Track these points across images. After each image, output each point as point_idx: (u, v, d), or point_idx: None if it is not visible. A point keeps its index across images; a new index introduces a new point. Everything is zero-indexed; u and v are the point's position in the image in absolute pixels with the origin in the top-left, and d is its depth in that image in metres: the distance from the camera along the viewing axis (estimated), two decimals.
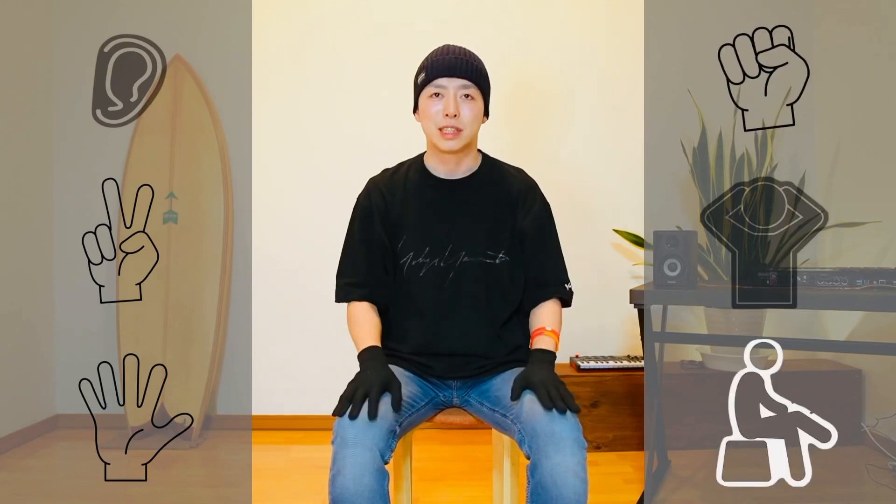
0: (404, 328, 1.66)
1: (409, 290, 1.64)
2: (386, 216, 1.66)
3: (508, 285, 1.65)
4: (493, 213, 1.65)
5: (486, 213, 1.65)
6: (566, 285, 1.70)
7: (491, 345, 1.64)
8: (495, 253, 1.64)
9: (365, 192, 1.71)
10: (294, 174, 3.29)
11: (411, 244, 1.64)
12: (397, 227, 1.66)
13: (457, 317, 1.62)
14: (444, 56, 1.60)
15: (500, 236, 1.65)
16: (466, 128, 1.59)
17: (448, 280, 1.62)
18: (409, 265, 1.64)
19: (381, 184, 1.70)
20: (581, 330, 3.26)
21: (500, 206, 1.66)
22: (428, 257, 1.63)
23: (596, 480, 2.45)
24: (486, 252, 1.64)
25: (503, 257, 1.64)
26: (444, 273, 1.62)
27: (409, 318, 1.65)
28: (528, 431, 1.38)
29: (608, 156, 3.27)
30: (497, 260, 1.64)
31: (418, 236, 1.64)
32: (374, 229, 1.66)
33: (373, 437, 1.32)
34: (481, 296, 1.63)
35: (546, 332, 1.60)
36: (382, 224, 1.66)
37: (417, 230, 1.64)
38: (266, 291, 3.27)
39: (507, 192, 1.68)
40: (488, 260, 1.64)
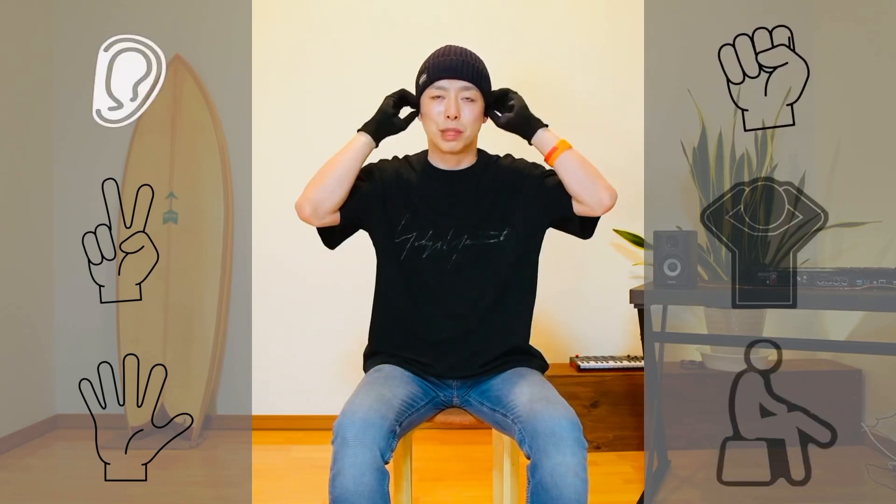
0: (405, 315, 1.66)
1: (412, 271, 1.65)
2: (386, 185, 1.68)
3: (513, 263, 1.66)
4: (491, 197, 1.67)
5: (485, 197, 1.67)
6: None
7: (492, 325, 1.64)
8: (498, 232, 1.65)
9: (374, 164, 1.74)
10: (294, 174, 3.27)
11: (413, 225, 1.65)
12: (398, 207, 1.67)
13: (459, 297, 1.63)
14: (445, 57, 1.61)
15: (501, 216, 1.66)
16: (467, 129, 1.61)
17: (451, 262, 1.64)
18: (412, 246, 1.65)
19: (387, 165, 1.74)
20: (581, 330, 3.26)
21: (498, 189, 1.68)
22: (430, 240, 1.64)
23: (596, 480, 2.45)
24: (488, 233, 1.65)
25: (508, 233, 1.66)
26: (447, 255, 1.64)
27: (411, 301, 1.65)
28: (528, 431, 1.38)
29: (608, 156, 3.26)
30: (501, 237, 1.65)
31: (420, 219, 1.66)
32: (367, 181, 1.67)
33: (373, 436, 1.32)
34: (484, 277, 1.64)
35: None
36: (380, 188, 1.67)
37: (420, 213, 1.66)
38: (266, 291, 3.27)
39: (501, 173, 1.70)
40: (491, 240, 1.65)
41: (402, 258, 1.65)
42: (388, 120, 1.65)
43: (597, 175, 1.60)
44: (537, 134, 1.63)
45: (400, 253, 1.65)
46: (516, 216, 1.66)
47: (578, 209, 1.61)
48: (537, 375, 1.62)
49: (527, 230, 1.67)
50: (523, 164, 1.73)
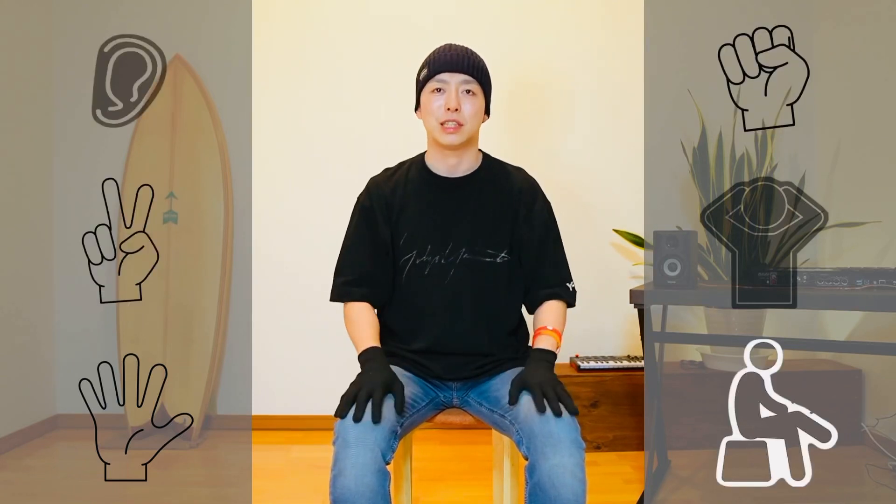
0: (406, 327, 1.66)
1: (411, 288, 1.64)
2: (387, 215, 1.66)
3: (509, 284, 1.66)
4: (493, 212, 1.66)
5: (487, 211, 1.65)
6: (569, 284, 1.70)
7: (493, 342, 1.64)
8: (496, 252, 1.64)
9: (365, 191, 1.71)
10: (294, 174, 3.29)
11: (413, 242, 1.64)
12: (398, 226, 1.66)
13: (458, 314, 1.62)
14: (447, 52, 1.61)
15: (501, 236, 1.65)
16: (467, 123, 1.60)
17: (449, 277, 1.63)
18: (413, 264, 1.64)
19: (382, 183, 1.70)
20: (581, 330, 3.26)
21: (500, 205, 1.66)
22: (429, 255, 1.63)
23: (596, 480, 2.46)
24: (486, 251, 1.64)
25: (504, 257, 1.65)
26: (444, 270, 1.63)
27: (411, 316, 1.65)
28: (525, 432, 1.38)
29: (608, 156, 3.27)
30: (498, 259, 1.64)
31: (419, 234, 1.64)
32: (374, 228, 1.66)
33: (374, 437, 1.32)
34: (482, 293, 1.63)
35: (547, 330, 1.60)
36: (384, 223, 1.66)
37: (418, 228, 1.64)
38: (266, 291, 3.27)
39: (507, 192, 1.68)
40: (488, 259, 1.64)
41: (404, 274, 1.65)
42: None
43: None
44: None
45: (403, 269, 1.65)
46: (513, 240, 1.66)
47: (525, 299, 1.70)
48: None
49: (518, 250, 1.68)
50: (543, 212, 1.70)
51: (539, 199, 1.71)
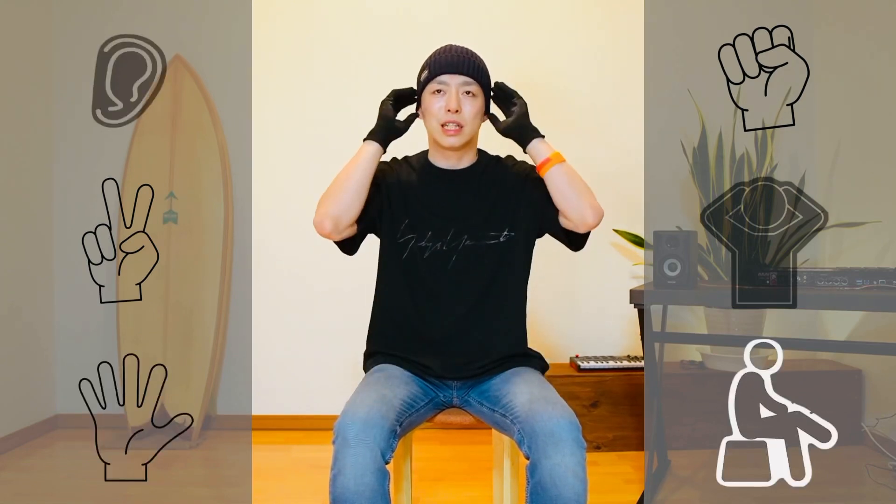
0: (404, 314, 1.66)
1: (412, 272, 1.65)
2: (389, 188, 1.69)
3: (511, 264, 1.66)
4: (493, 197, 1.68)
5: (486, 197, 1.68)
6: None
7: (491, 326, 1.64)
8: (498, 232, 1.65)
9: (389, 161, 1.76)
10: (294, 174, 3.29)
11: (413, 227, 1.66)
12: (399, 209, 1.67)
13: (458, 297, 1.63)
14: (447, 54, 1.63)
15: (503, 216, 1.66)
16: (468, 124, 1.62)
17: (451, 263, 1.64)
18: (412, 248, 1.65)
19: (388, 165, 1.75)
20: (581, 330, 3.26)
21: (499, 190, 1.68)
22: (430, 241, 1.65)
23: (596, 480, 2.45)
24: (488, 234, 1.65)
25: (508, 234, 1.65)
26: (446, 256, 1.64)
27: (411, 301, 1.65)
28: (527, 431, 1.38)
29: (608, 155, 3.27)
30: (502, 237, 1.65)
31: (420, 221, 1.66)
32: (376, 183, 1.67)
33: (374, 436, 1.32)
34: (484, 278, 1.64)
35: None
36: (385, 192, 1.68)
37: (420, 214, 1.66)
38: (266, 291, 3.27)
39: (502, 175, 1.71)
40: (492, 241, 1.65)
41: (404, 258, 1.66)
42: (391, 125, 1.65)
43: (584, 192, 1.57)
44: (532, 143, 1.62)
45: (402, 254, 1.66)
46: (517, 217, 1.66)
47: (563, 223, 1.61)
48: (536, 375, 1.62)
49: (525, 232, 1.67)
50: (525, 166, 1.73)
51: (522, 164, 1.73)
